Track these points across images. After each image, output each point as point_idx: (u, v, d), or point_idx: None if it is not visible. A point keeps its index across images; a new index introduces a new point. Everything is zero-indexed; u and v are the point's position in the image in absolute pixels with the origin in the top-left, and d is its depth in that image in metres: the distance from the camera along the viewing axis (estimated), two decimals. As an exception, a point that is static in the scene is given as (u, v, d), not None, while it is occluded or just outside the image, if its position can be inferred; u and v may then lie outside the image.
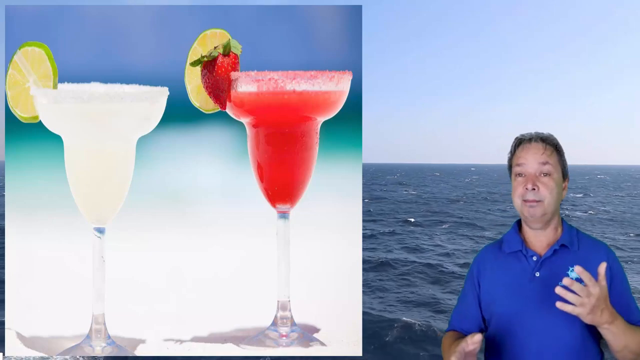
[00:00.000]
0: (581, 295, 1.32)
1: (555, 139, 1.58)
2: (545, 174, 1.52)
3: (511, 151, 1.60)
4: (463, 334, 1.61)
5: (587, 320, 1.35)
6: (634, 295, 1.55)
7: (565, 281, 1.33)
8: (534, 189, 1.51)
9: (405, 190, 43.28)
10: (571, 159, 1.63)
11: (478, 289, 1.61)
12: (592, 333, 1.48)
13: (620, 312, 1.47)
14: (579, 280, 1.48)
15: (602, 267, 1.35)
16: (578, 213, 25.23)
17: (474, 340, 1.37)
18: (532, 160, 1.53)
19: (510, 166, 1.60)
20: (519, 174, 1.55)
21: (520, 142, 1.57)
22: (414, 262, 13.38)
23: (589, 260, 1.51)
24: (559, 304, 1.33)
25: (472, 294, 1.62)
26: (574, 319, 1.45)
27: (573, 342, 1.46)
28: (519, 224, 1.61)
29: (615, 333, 1.39)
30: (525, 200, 1.53)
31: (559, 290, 1.33)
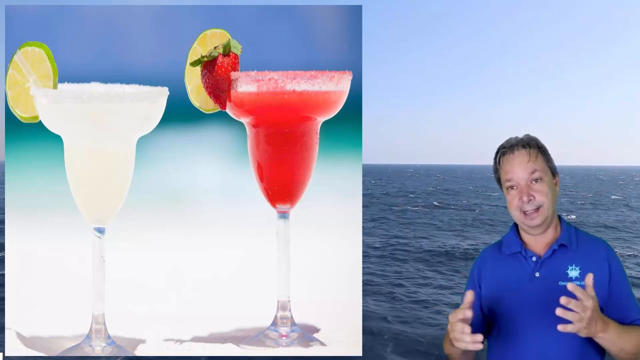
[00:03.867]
0: (578, 310, 1.31)
1: (536, 140, 1.56)
2: (537, 180, 1.51)
3: (495, 163, 1.58)
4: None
5: (584, 334, 1.34)
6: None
7: (562, 300, 1.31)
8: (530, 200, 1.51)
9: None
10: (571, 160, 1.63)
11: (479, 291, 1.61)
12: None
13: (619, 310, 1.48)
14: (578, 279, 1.49)
15: (589, 279, 1.34)
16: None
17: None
18: (520, 170, 1.52)
19: (498, 178, 1.59)
20: (511, 187, 1.54)
21: (503, 153, 1.55)
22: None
23: (588, 258, 1.51)
24: (560, 327, 1.32)
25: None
26: None
27: (575, 342, 1.46)
28: (517, 225, 1.61)
29: (610, 339, 1.39)
30: (523, 212, 1.52)
31: (559, 312, 1.31)
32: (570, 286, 1.32)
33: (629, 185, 54.30)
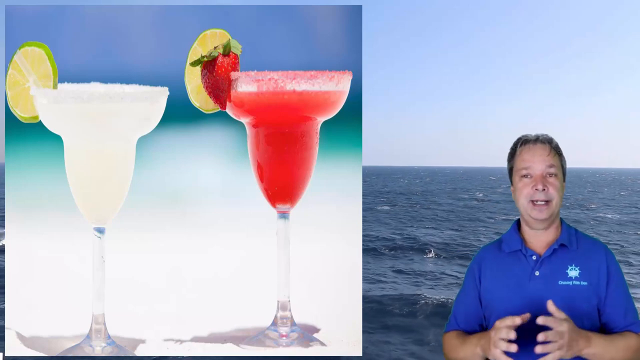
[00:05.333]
0: (555, 339, 1.35)
1: (556, 142, 1.58)
2: (551, 175, 1.53)
3: (512, 152, 1.59)
4: (468, 333, 1.61)
5: (569, 355, 1.37)
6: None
7: (540, 337, 1.36)
8: (544, 190, 1.51)
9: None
10: (571, 162, 1.64)
11: (479, 287, 1.61)
12: (592, 331, 1.48)
13: (616, 314, 1.48)
14: (577, 279, 1.49)
15: (551, 306, 1.38)
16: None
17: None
18: (539, 161, 1.53)
19: (511, 168, 1.59)
20: (525, 175, 1.54)
21: (524, 143, 1.57)
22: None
23: (588, 258, 1.51)
24: (540, 350, 1.36)
25: (473, 293, 1.62)
26: (573, 317, 1.45)
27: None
28: (518, 223, 1.61)
29: (596, 353, 1.40)
30: (533, 202, 1.52)
31: (539, 349, 1.36)
32: (540, 320, 1.37)
33: (607, 187, 54.98)
